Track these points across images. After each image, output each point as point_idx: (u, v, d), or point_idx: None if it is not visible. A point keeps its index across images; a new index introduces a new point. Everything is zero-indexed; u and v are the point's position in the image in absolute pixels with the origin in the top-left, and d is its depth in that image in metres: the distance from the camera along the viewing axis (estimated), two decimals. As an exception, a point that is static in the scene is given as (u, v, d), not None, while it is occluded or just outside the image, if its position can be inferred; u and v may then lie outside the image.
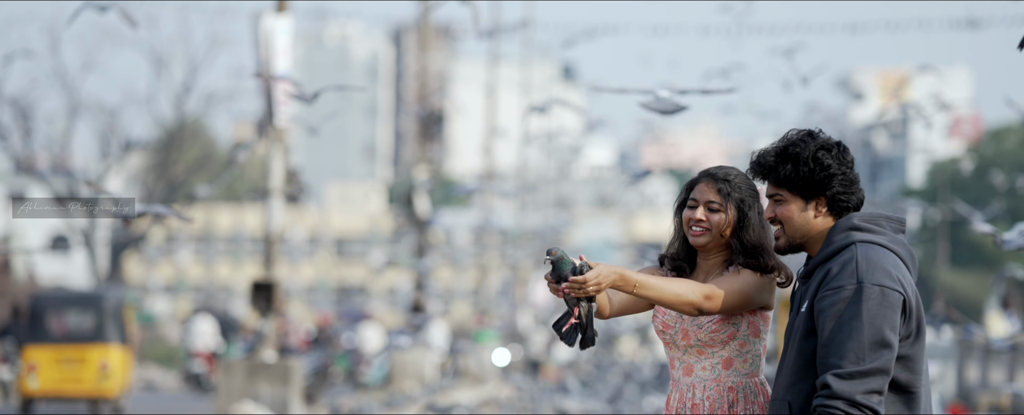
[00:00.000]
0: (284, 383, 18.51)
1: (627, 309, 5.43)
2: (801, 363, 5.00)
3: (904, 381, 4.95)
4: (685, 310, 5.22)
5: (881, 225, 5.07)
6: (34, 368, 25.15)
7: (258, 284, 19.94)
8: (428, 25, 39.84)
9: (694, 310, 5.22)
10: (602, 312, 5.33)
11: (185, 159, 55.43)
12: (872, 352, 4.86)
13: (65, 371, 25.11)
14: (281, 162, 20.24)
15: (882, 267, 4.95)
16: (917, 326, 4.98)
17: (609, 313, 5.36)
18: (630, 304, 5.42)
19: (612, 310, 5.39)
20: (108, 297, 26.57)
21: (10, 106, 50.98)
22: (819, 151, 5.05)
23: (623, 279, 5.13)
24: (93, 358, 25.30)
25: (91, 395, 25.44)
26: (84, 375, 25.25)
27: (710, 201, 5.37)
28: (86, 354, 25.31)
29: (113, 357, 25.38)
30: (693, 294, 5.19)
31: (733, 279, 5.28)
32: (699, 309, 5.21)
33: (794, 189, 5.08)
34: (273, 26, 18.89)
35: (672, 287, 5.19)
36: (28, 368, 25.27)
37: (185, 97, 53.68)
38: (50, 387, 25.18)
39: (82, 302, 26.41)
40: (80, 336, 25.47)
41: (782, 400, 5.04)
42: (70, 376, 25.14)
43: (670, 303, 5.20)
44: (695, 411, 5.35)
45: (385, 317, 71.59)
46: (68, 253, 73.09)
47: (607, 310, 5.37)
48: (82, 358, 25.28)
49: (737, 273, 5.30)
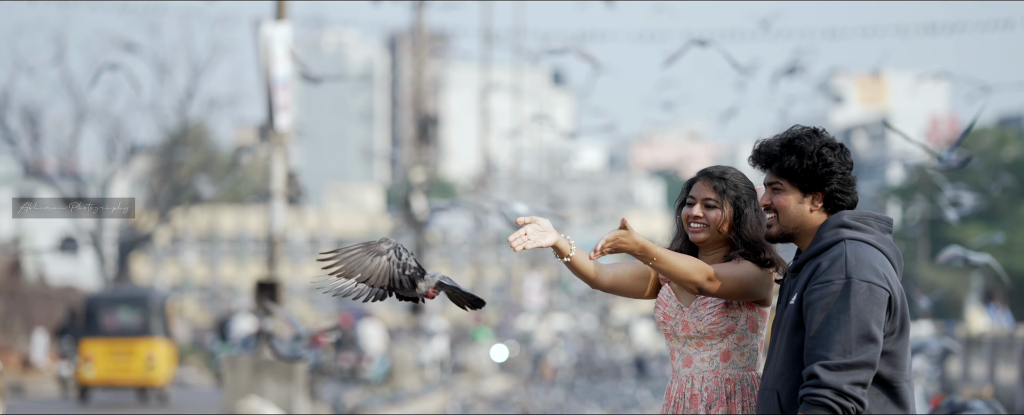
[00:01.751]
0: (289, 380, 18.48)
1: (624, 287, 5.51)
2: (789, 355, 5.03)
3: (887, 376, 4.97)
4: (688, 286, 5.29)
5: (869, 224, 5.10)
6: (89, 360, 27.32)
7: (262, 283, 19.92)
8: (422, 31, 39.82)
9: (695, 288, 5.29)
10: (596, 280, 5.44)
11: (188, 163, 55.39)
12: (859, 345, 4.88)
13: (116, 362, 27.31)
14: (282, 165, 20.22)
15: (870, 264, 4.97)
16: (901, 323, 5.01)
17: (605, 284, 5.46)
18: (628, 283, 5.51)
19: (609, 282, 5.47)
20: (154, 296, 28.82)
21: (19, 112, 50.93)
22: (824, 148, 5.10)
23: (644, 251, 5.23)
24: (141, 351, 27.49)
25: (139, 384, 27.67)
26: (133, 366, 27.44)
27: (707, 198, 5.43)
28: (134, 347, 27.49)
29: (158, 350, 27.57)
30: (698, 272, 5.26)
31: (734, 266, 5.34)
32: (700, 288, 5.28)
33: (794, 180, 5.12)
34: (273, 33, 18.87)
35: (681, 262, 5.26)
36: (84, 360, 27.40)
37: (188, 102, 53.66)
38: (103, 377, 27.38)
39: (131, 301, 28.41)
40: (129, 331, 27.63)
41: (771, 390, 5.07)
42: (121, 367, 27.35)
43: (677, 276, 5.27)
44: (694, 401, 5.39)
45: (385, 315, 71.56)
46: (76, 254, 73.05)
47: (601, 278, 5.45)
48: (131, 351, 27.46)
49: (738, 262, 5.36)
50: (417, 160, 38.15)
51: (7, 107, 50.58)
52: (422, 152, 38.66)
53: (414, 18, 39.16)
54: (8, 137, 50.96)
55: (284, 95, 18.93)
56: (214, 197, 60.34)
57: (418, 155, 38.56)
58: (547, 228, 5.28)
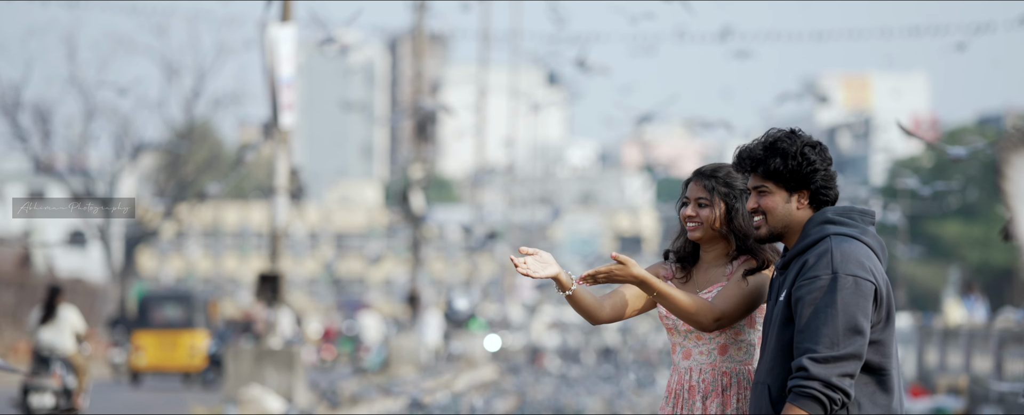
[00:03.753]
0: (289, 369, 18.50)
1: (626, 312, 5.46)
2: (779, 349, 5.04)
3: (876, 364, 4.99)
4: (695, 327, 5.32)
5: (854, 218, 5.10)
6: (141, 349, 30.37)
7: (264, 276, 19.94)
8: (422, 33, 39.82)
9: (702, 328, 5.31)
10: (597, 315, 5.38)
11: (194, 160, 55.35)
12: (846, 338, 4.90)
13: (164, 351, 30.17)
14: (285, 162, 20.22)
15: (855, 258, 4.98)
16: (887, 313, 5.02)
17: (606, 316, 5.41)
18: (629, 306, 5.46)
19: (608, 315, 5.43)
20: (197, 295, 32.93)
21: (31, 111, 50.90)
22: (805, 147, 5.10)
23: (645, 284, 5.23)
24: (185, 341, 30.58)
25: (183, 370, 30.72)
26: (178, 354, 30.45)
27: (699, 197, 5.44)
28: (180, 338, 30.57)
29: (200, 340, 30.45)
30: (703, 315, 5.28)
31: (735, 288, 5.34)
32: (711, 328, 5.31)
33: (780, 182, 5.12)
34: (278, 35, 18.86)
35: (686, 304, 5.27)
36: (136, 349, 30.49)
37: (194, 101, 53.63)
38: (153, 363, 30.37)
39: (177, 298, 32.31)
40: (175, 324, 30.80)
41: (762, 383, 5.09)
42: (167, 355, 30.26)
43: (683, 317, 5.30)
44: (691, 392, 5.42)
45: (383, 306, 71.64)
46: (85, 247, 73.00)
47: (601, 313, 5.40)
48: (176, 341, 30.50)
49: (742, 282, 5.36)
50: (416, 157, 38.16)
51: (19, 105, 50.56)
52: (420, 149, 38.67)
53: (415, 20, 39.17)
54: (20, 134, 50.94)
55: (288, 94, 18.93)
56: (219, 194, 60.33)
57: (416, 152, 38.57)
58: (548, 261, 5.26)
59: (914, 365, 26.09)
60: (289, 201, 21.27)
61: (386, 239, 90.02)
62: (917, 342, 26.49)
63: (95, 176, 54.58)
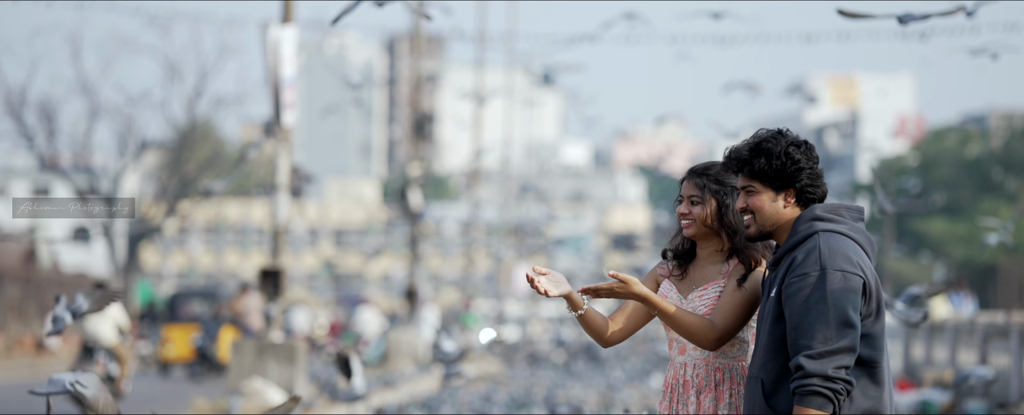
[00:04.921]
0: (291, 362, 18.52)
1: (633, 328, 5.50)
2: (772, 344, 5.06)
3: (867, 356, 5.01)
4: (696, 345, 5.38)
5: (841, 215, 5.12)
6: (170, 341, 31.44)
7: (266, 271, 19.95)
8: (420, 34, 39.86)
9: (703, 347, 5.36)
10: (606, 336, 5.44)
11: (196, 158, 55.33)
12: (838, 332, 4.91)
13: (190, 344, 30.45)
14: (287, 159, 20.24)
15: (843, 254, 5.00)
16: (877, 306, 5.03)
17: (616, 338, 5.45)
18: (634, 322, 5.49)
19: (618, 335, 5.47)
20: (221, 293, 33.96)
21: (36, 109, 50.89)
22: (790, 147, 5.12)
23: (648, 302, 5.28)
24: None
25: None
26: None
27: (691, 195, 5.47)
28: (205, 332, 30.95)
29: (224, 334, 30.60)
30: (705, 335, 5.33)
31: (732, 298, 5.37)
32: (709, 348, 5.36)
33: (766, 181, 5.13)
34: (280, 36, 18.88)
35: (689, 324, 5.32)
36: (164, 341, 31.57)
37: (196, 101, 53.62)
38: (179, 355, 31.21)
39: (203, 295, 34.11)
40: (202, 319, 31.62)
41: (755, 378, 5.12)
42: (193, 347, 30.35)
43: (686, 337, 5.35)
44: (686, 387, 5.46)
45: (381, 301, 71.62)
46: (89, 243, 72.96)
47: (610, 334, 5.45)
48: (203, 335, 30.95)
49: (737, 291, 5.38)
50: (413, 155, 38.18)
51: (24, 104, 50.54)
52: (418, 148, 38.69)
53: (412, 21, 39.18)
54: (25, 133, 50.91)
55: (290, 94, 18.95)
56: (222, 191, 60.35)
57: (414, 150, 38.60)
58: (560, 280, 5.32)
59: (901, 359, 26.14)
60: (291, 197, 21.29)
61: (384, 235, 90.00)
62: (904, 336, 26.54)
63: (99, 174, 54.56)
